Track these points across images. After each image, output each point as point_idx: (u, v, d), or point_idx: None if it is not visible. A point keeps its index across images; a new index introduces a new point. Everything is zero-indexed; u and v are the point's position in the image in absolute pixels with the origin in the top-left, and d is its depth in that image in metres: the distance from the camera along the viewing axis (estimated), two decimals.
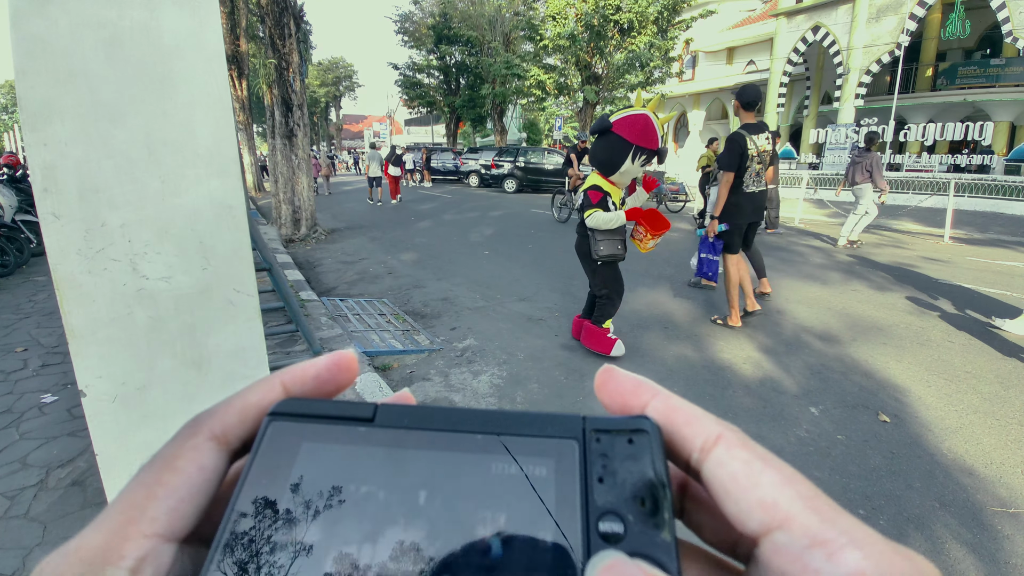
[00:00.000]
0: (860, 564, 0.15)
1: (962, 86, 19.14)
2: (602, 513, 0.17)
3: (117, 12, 1.24)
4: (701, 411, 0.19)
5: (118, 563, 0.16)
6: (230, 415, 0.20)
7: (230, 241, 1.43)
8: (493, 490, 0.18)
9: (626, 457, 0.18)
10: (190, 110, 1.33)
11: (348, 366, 0.22)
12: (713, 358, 3.87)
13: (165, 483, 0.18)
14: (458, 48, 26.84)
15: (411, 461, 0.19)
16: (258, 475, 0.19)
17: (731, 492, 0.17)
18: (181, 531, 0.18)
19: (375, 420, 0.20)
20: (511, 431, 0.19)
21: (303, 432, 0.20)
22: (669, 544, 0.17)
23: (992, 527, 2.18)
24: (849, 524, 0.16)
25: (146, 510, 0.17)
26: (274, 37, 7.97)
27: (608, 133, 3.26)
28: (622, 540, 0.17)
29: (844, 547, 0.15)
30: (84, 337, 1.29)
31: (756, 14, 25.92)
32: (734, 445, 0.18)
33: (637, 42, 17.07)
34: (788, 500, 0.16)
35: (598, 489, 0.18)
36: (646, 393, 0.20)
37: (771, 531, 0.16)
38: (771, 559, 0.16)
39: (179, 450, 0.19)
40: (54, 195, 1.22)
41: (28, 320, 4.62)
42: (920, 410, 3.11)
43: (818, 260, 7.29)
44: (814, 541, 0.16)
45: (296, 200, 8.98)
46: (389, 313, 4.86)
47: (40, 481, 2.39)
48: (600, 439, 0.19)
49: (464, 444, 0.19)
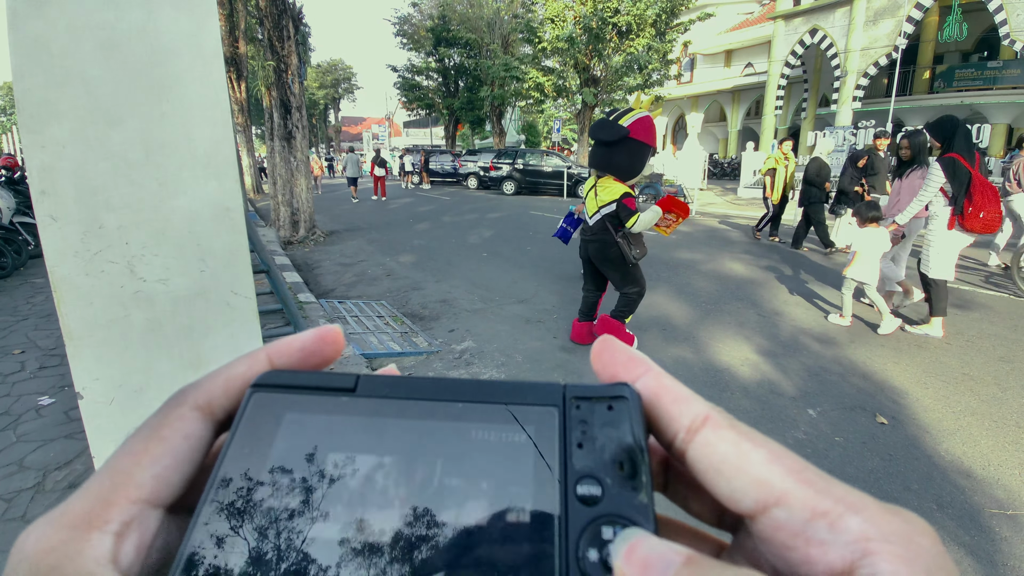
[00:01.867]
0: (863, 528, 0.15)
1: (959, 88, 19.20)
2: (580, 477, 0.18)
3: (115, 14, 1.24)
4: (689, 392, 0.20)
5: (103, 527, 0.16)
6: (215, 386, 0.20)
7: (228, 243, 1.42)
8: (472, 457, 0.18)
9: (605, 423, 0.19)
10: (188, 112, 1.33)
11: (334, 339, 0.23)
12: (711, 360, 3.87)
13: (150, 451, 0.18)
14: (457, 50, 26.85)
15: (392, 430, 0.19)
16: (240, 444, 0.19)
17: (722, 473, 0.17)
18: (167, 498, 0.18)
19: (357, 390, 0.20)
20: (491, 399, 0.20)
21: (286, 403, 0.20)
22: (646, 506, 0.17)
23: (990, 529, 2.18)
24: (843, 492, 0.16)
25: (131, 476, 0.17)
26: (273, 39, 7.98)
27: (627, 140, 3.23)
28: (600, 502, 0.17)
29: (843, 515, 0.16)
30: (81, 339, 1.28)
31: (754, 17, 26.03)
32: (721, 426, 0.18)
33: (635, 44, 17.10)
34: (780, 477, 0.17)
35: (577, 454, 0.18)
36: (638, 367, 0.21)
37: (768, 509, 0.17)
38: (772, 536, 0.17)
39: (164, 420, 0.19)
40: (52, 197, 1.22)
41: (26, 322, 4.61)
42: (918, 412, 3.12)
43: (815, 262, 7.30)
44: (814, 513, 0.16)
45: (295, 202, 8.98)
46: (387, 315, 4.85)
47: (37, 483, 2.38)
48: (580, 406, 0.19)
49: (445, 412, 0.19)
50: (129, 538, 0.17)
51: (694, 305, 5.24)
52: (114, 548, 0.16)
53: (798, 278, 6.33)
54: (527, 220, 11.49)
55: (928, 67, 20.47)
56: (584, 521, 0.17)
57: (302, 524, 0.17)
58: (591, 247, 3.71)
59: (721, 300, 5.42)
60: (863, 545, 0.15)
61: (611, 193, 3.44)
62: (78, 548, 0.16)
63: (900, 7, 16.60)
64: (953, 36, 16.83)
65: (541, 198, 16.95)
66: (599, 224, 3.57)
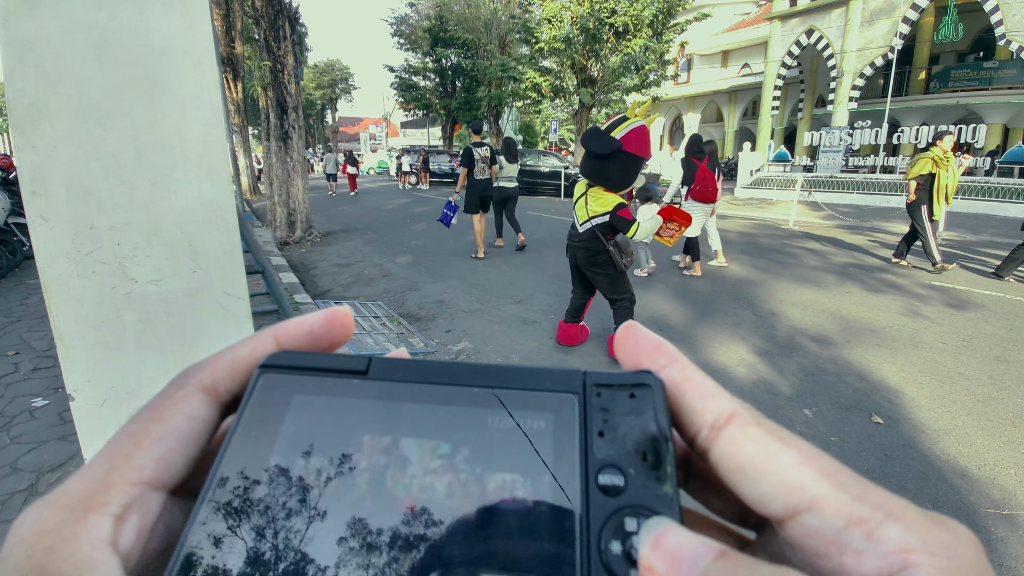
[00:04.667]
0: (903, 538, 0.14)
1: (955, 89, 19.29)
2: (602, 466, 0.17)
3: (107, 14, 1.23)
4: (716, 386, 0.19)
5: (101, 509, 0.16)
6: (220, 367, 0.20)
7: (221, 244, 1.42)
8: (489, 444, 0.18)
9: (627, 411, 0.18)
10: (180, 112, 1.32)
11: (343, 322, 0.22)
12: (707, 360, 3.87)
13: (152, 432, 0.18)
14: (454, 51, 26.83)
15: (406, 415, 0.19)
16: (248, 426, 0.19)
17: (749, 474, 0.17)
18: (169, 480, 0.18)
19: (369, 373, 0.20)
20: (508, 385, 0.19)
21: (295, 384, 0.19)
22: (671, 497, 0.17)
23: (986, 529, 2.18)
24: (881, 498, 0.15)
25: (132, 458, 0.17)
26: (269, 39, 7.96)
27: (619, 153, 3.16)
28: (622, 493, 0.17)
29: (882, 523, 0.15)
30: (72, 341, 1.27)
31: (750, 17, 26.09)
32: (748, 423, 0.17)
33: (632, 45, 17.10)
34: (813, 480, 0.16)
35: (598, 443, 0.18)
36: (664, 357, 0.20)
37: (799, 513, 0.16)
38: (803, 542, 0.16)
39: (167, 401, 0.19)
40: (42, 198, 1.21)
41: (19, 323, 4.59)
42: (913, 412, 3.12)
43: (812, 262, 7.32)
44: (849, 521, 0.15)
45: (291, 202, 8.96)
46: (384, 316, 4.84)
47: (31, 486, 2.37)
48: (601, 393, 0.19)
49: (460, 398, 0.19)
50: (129, 521, 0.16)
51: (690, 306, 5.24)
52: (113, 531, 0.16)
53: (796, 278, 6.34)
54: (524, 221, 11.47)
55: (924, 67, 20.55)
56: (606, 512, 0.16)
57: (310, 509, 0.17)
58: (579, 253, 3.65)
59: (718, 300, 5.43)
60: (903, 556, 0.14)
61: (603, 204, 3.39)
62: (74, 530, 0.15)
63: (896, 8, 16.66)
64: (949, 36, 16.89)
65: (538, 198, 16.95)
66: (588, 232, 3.51)
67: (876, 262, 7.36)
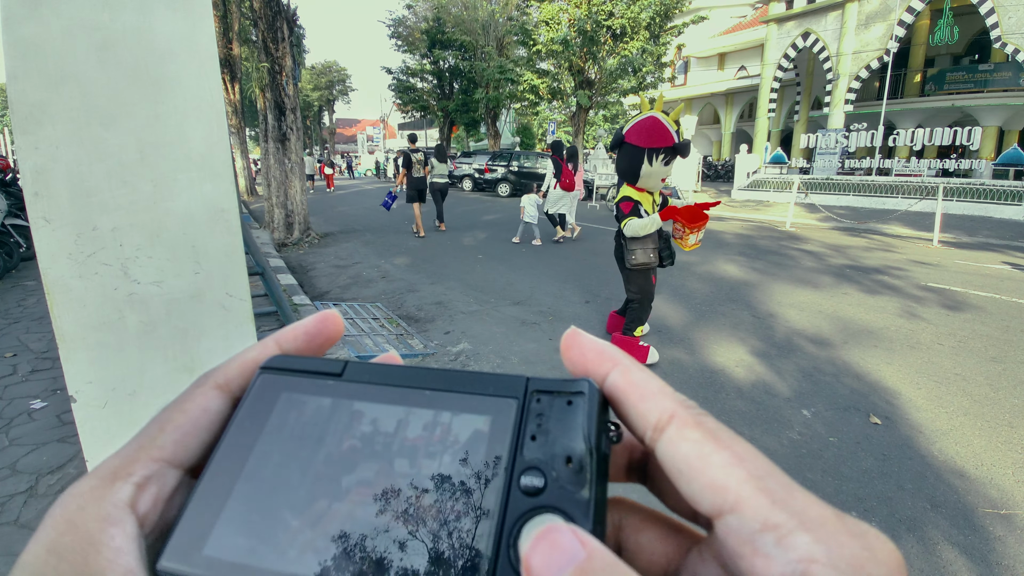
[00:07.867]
0: (810, 548, 0.15)
1: (950, 91, 19.37)
2: (526, 468, 0.18)
3: (110, 15, 1.23)
4: (658, 386, 0.19)
5: (126, 478, 0.19)
6: (232, 368, 0.23)
7: (223, 245, 1.42)
8: (431, 442, 0.20)
9: (561, 417, 0.19)
10: (182, 114, 1.32)
11: (333, 321, 0.26)
12: (706, 362, 3.88)
13: (173, 420, 0.21)
14: (452, 52, 26.82)
15: (368, 412, 0.21)
16: (243, 418, 0.22)
17: (683, 473, 0.17)
18: (186, 460, 0.21)
19: (343, 375, 0.22)
20: (459, 388, 0.21)
21: (285, 384, 0.22)
22: (587, 501, 0.17)
23: (984, 528, 2.20)
24: (802, 504, 0.16)
25: (155, 440, 0.20)
26: (267, 41, 7.96)
27: (623, 145, 3.40)
28: (541, 493, 0.18)
29: (793, 531, 0.15)
30: (74, 342, 1.27)
31: (747, 20, 26.15)
32: (686, 424, 0.18)
33: (630, 47, 17.12)
34: (738, 482, 0.16)
35: (529, 446, 0.19)
36: (607, 363, 0.21)
37: (723, 514, 0.16)
38: (725, 540, 0.16)
39: (188, 396, 0.22)
40: (45, 199, 1.21)
41: (17, 325, 4.57)
42: (911, 412, 3.14)
43: (809, 264, 7.34)
44: (764, 525, 0.15)
45: (289, 204, 8.95)
46: (383, 317, 4.84)
47: (30, 487, 2.36)
48: (540, 399, 0.20)
49: (416, 399, 0.21)
50: (148, 489, 0.19)
51: (689, 307, 5.25)
52: (134, 495, 0.19)
53: (794, 280, 6.36)
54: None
55: (919, 70, 20.63)
56: (522, 510, 0.17)
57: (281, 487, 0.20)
58: (614, 247, 3.92)
59: (716, 302, 5.44)
60: (804, 567, 0.14)
61: (617, 198, 3.61)
62: (102, 493, 0.18)
63: (891, 11, 16.74)
64: (944, 39, 16.96)
65: None
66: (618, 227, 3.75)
67: (872, 263, 7.39)
